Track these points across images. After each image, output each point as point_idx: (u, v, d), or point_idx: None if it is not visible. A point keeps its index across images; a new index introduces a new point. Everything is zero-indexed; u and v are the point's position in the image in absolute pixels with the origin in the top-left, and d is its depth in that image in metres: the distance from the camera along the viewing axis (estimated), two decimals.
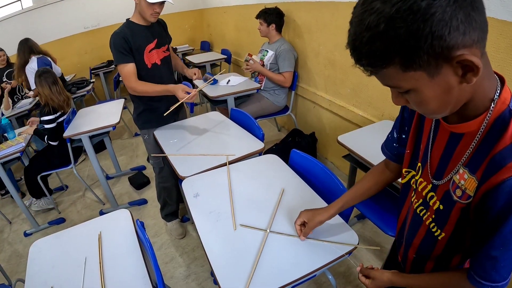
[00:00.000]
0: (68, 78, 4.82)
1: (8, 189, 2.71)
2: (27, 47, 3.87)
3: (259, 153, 1.83)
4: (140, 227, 1.33)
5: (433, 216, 0.83)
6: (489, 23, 1.43)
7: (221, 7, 5.08)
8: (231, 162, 1.73)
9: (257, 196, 1.46)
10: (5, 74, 4.16)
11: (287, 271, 1.08)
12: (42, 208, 3.10)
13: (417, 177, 0.88)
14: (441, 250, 0.85)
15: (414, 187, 0.90)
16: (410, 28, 0.50)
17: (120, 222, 1.47)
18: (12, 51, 4.32)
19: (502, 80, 0.66)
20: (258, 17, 3.12)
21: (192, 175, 1.63)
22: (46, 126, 2.75)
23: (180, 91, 1.92)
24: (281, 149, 3.10)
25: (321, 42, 2.79)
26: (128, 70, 1.97)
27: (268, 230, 1.24)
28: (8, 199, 3.39)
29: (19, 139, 2.78)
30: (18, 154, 2.60)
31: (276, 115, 3.35)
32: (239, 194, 1.48)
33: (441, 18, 0.49)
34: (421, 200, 0.87)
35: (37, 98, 4.05)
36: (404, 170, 0.95)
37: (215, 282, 1.07)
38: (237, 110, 2.32)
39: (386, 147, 1.05)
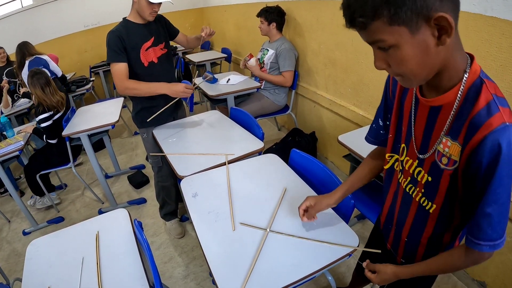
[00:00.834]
0: (68, 76, 4.81)
1: (6, 187, 2.70)
2: (21, 53, 3.85)
3: (259, 152, 1.82)
4: (138, 227, 1.32)
5: (423, 190, 0.89)
6: (492, 22, 1.42)
7: (222, 6, 5.07)
8: (230, 162, 1.72)
9: (257, 196, 1.44)
10: (5, 73, 4.14)
11: (287, 272, 1.06)
12: (46, 205, 3.10)
13: (402, 158, 0.95)
14: (433, 226, 0.91)
15: (400, 169, 0.97)
16: None
17: (118, 221, 1.46)
18: (12, 50, 4.30)
19: (471, 57, 0.74)
20: (259, 15, 3.11)
21: (191, 175, 1.62)
22: (43, 124, 2.74)
23: (181, 87, 1.95)
24: (281, 149, 3.09)
25: (321, 41, 2.78)
26: (118, 68, 1.95)
27: (268, 230, 1.23)
28: (7, 197, 3.38)
29: (18, 138, 2.77)
30: (17, 153, 2.59)
31: (276, 114, 3.34)
32: (238, 194, 1.47)
33: None
34: (409, 178, 0.93)
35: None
36: (387, 155, 1.02)
37: (214, 282, 1.06)
38: (237, 109, 2.31)
39: (371, 137, 1.13)
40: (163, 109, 2.04)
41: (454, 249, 0.87)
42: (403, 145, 0.94)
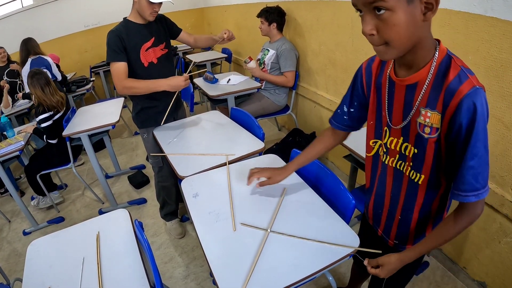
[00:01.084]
0: (68, 76, 4.81)
1: (7, 187, 2.70)
2: (25, 49, 3.86)
3: (260, 153, 1.82)
4: (138, 227, 1.32)
5: (411, 163, 0.96)
6: (492, 23, 1.43)
7: (222, 6, 5.07)
8: (231, 162, 1.72)
9: (257, 196, 1.44)
10: (5, 73, 4.14)
11: (287, 272, 1.06)
12: (50, 205, 3.11)
13: (385, 141, 1.02)
14: (423, 197, 0.99)
15: (384, 151, 1.04)
16: None
17: (118, 222, 1.46)
18: (12, 50, 4.33)
19: (438, 41, 0.85)
20: (259, 15, 3.11)
21: (191, 175, 1.62)
22: (43, 125, 2.74)
23: (180, 80, 1.96)
24: (282, 149, 3.09)
25: (322, 41, 2.78)
26: (118, 68, 1.95)
27: (269, 230, 1.23)
28: (7, 197, 3.39)
29: (19, 138, 2.77)
30: (17, 153, 2.60)
31: (276, 115, 3.34)
32: (239, 194, 1.46)
33: None
34: (397, 156, 1.00)
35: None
36: (371, 142, 1.10)
37: (214, 282, 1.05)
38: (238, 109, 2.31)
39: (335, 120, 1.24)
40: (169, 106, 2.06)
41: (445, 219, 0.95)
42: (385, 128, 1.01)
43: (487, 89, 1.52)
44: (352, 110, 1.16)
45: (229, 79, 3.19)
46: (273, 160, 1.71)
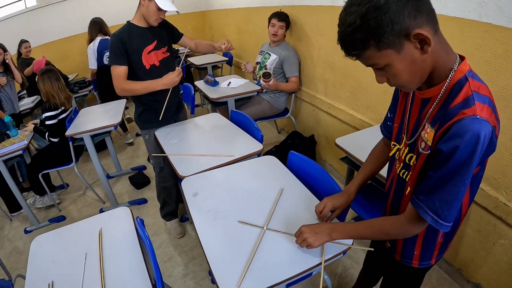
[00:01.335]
0: (70, 77, 4.85)
1: (9, 185, 2.72)
2: (97, 25, 4.01)
3: (258, 154, 1.85)
4: (140, 225, 1.36)
5: (411, 172, 0.98)
6: (486, 28, 1.46)
7: (223, 9, 5.11)
8: (230, 163, 1.76)
9: (255, 195, 1.48)
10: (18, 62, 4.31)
11: (283, 268, 1.10)
12: (46, 205, 3.13)
13: (400, 146, 1.05)
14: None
15: (398, 157, 1.06)
16: (376, 19, 0.71)
17: (120, 219, 1.50)
18: (15, 50, 4.35)
19: (462, 58, 0.84)
20: (282, 20, 3.06)
21: (191, 175, 1.66)
22: (47, 122, 2.78)
23: (174, 75, 2.05)
24: (280, 151, 3.12)
25: (321, 45, 2.82)
26: (118, 71, 2.00)
27: (265, 228, 1.27)
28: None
29: (22, 137, 2.81)
30: (20, 152, 2.63)
31: (276, 118, 3.37)
32: (237, 193, 1.50)
33: (396, 9, 0.71)
34: (402, 164, 1.02)
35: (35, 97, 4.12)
36: (392, 143, 1.12)
37: (213, 281, 1.09)
38: (237, 112, 2.35)
39: (383, 127, 1.22)
40: (165, 103, 2.13)
41: (392, 216, 1.01)
42: (403, 135, 1.03)
43: None
44: (394, 116, 1.13)
45: (230, 82, 3.22)
46: (271, 161, 1.75)
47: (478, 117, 0.74)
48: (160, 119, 2.15)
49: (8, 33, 4.85)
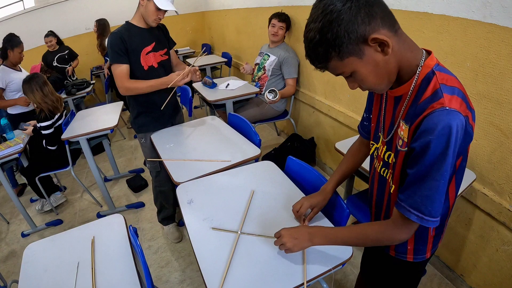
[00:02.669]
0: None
1: (6, 189, 2.69)
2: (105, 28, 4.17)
3: (255, 159, 1.82)
4: (132, 233, 1.32)
5: (392, 171, 0.98)
6: (491, 29, 1.44)
7: (223, 10, 5.09)
8: (227, 168, 1.72)
9: (252, 203, 1.44)
10: (55, 59, 4.46)
11: (281, 280, 1.07)
12: (55, 205, 3.11)
13: (378, 145, 1.06)
14: (391, 206, 1.01)
15: (376, 155, 1.07)
16: (332, 32, 0.75)
17: (113, 227, 1.46)
18: None
19: (429, 52, 0.86)
20: (283, 21, 3.04)
21: (187, 181, 1.62)
22: (44, 132, 2.74)
23: (173, 76, 1.99)
24: (280, 154, 3.10)
25: None
26: (121, 70, 1.97)
27: (262, 235, 1.23)
28: (6, 198, 3.38)
29: (18, 140, 2.78)
30: (17, 155, 2.60)
31: (275, 120, 3.33)
32: (234, 201, 1.47)
33: (348, 19, 0.74)
34: (381, 162, 1.03)
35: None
36: (370, 143, 1.13)
37: None
38: (235, 115, 2.31)
39: (361, 127, 1.25)
40: (167, 100, 2.09)
41: (377, 221, 1.01)
42: (380, 133, 1.04)
43: (486, 96, 1.52)
44: (370, 116, 1.16)
45: (228, 84, 3.19)
46: (269, 167, 1.72)
47: (447, 108, 0.75)
48: (161, 108, 2.09)
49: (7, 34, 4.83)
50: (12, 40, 3.33)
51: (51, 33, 4.45)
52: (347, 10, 0.73)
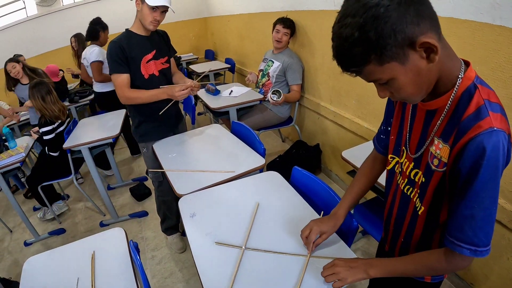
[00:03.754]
0: (71, 86, 4.82)
1: (8, 199, 2.67)
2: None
3: (260, 169, 1.77)
4: (133, 249, 1.28)
5: (419, 191, 0.91)
6: (500, 32, 1.39)
7: (225, 16, 5.07)
8: (230, 179, 1.68)
9: (257, 217, 1.39)
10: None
11: None
12: (57, 214, 3.08)
13: (401, 160, 0.98)
14: (421, 229, 0.94)
15: (399, 170, 0.99)
16: (377, 30, 0.63)
17: (114, 241, 1.42)
18: None
19: (467, 63, 0.77)
20: (287, 27, 3.00)
21: (189, 193, 1.57)
22: (45, 137, 2.74)
23: (175, 90, 1.93)
24: (285, 161, 3.05)
25: (325, 52, 2.75)
26: (121, 80, 1.95)
27: (270, 251, 1.18)
28: (9, 207, 3.35)
29: (20, 149, 2.76)
30: (18, 164, 2.58)
31: (279, 127, 3.29)
32: (238, 214, 1.42)
33: (397, 17, 0.63)
34: (406, 180, 0.96)
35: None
36: (389, 156, 1.04)
37: None
38: (239, 123, 2.27)
39: (376, 140, 1.16)
40: (166, 107, 2.05)
41: (435, 250, 0.88)
42: (403, 147, 0.96)
43: None
44: (389, 129, 1.06)
45: (232, 91, 3.15)
46: (274, 178, 1.67)
47: (495, 128, 0.69)
48: (160, 113, 2.05)
49: (10, 41, 4.85)
50: (102, 23, 3.68)
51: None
52: (396, 5, 0.63)
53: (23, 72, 3.48)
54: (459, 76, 0.75)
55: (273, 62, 3.11)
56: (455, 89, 0.75)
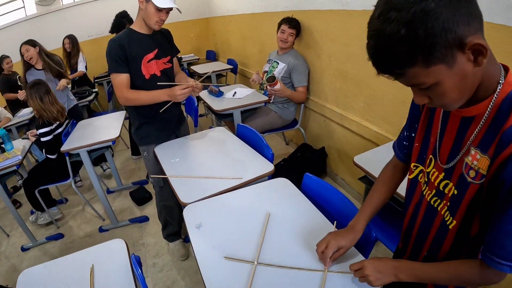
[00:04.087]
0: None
1: (5, 203, 2.60)
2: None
3: (269, 176, 1.68)
4: (135, 263, 1.20)
5: (448, 203, 0.85)
6: None
7: (227, 16, 5.01)
8: (238, 187, 1.59)
9: (268, 228, 1.30)
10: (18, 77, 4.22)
11: None
12: (48, 221, 3.00)
13: (427, 170, 0.91)
14: (450, 244, 0.88)
15: (425, 180, 0.93)
16: (426, 27, 0.56)
17: (114, 253, 1.33)
18: (16, 58, 4.26)
19: (506, 68, 0.71)
20: (293, 27, 2.92)
21: (195, 201, 1.49)
22: (43, 139, 2.66)
23: (176, 91, 1.85)
24: (290, 165, 2.98)
25: (331, 52, 2.67)
26: (120, 80, 1.87)
27: (285, 266, 1.10)
28: (6, 210, 3.28)
29: (16, 152, 2.68)
30: (15, 168, 2.51)
31: (284, 129, 3.21)
32: (247, 225, 1.33)
33: (448, 14, 0.56)
34: (434, 191, 0.89)
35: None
36: (412, 164, 0.98)
37: None
38: (244, 126, 2.18)
39: (397, 146, 1.09)
40: (167, 105, 1.96)
41: (468, 261, 0.83)
42: (430, 156, 0.90)
43: None
44: (413, 135, 1.00)
45: (235, 92, 3.07)
46: (284, 185, 1.58)
47: None
48: (160, 111, 1.97)
49: (9, 41, 4.79)
50: (128, 16, 3.51)
51: (6, 56, 4.28)
52: (447, 2, 0.56)
53: (38, 57, 3.38)
54: (500, 81, 0.69)
55: (278, 63, 3.03)
56: (495, 95, 0.69)
